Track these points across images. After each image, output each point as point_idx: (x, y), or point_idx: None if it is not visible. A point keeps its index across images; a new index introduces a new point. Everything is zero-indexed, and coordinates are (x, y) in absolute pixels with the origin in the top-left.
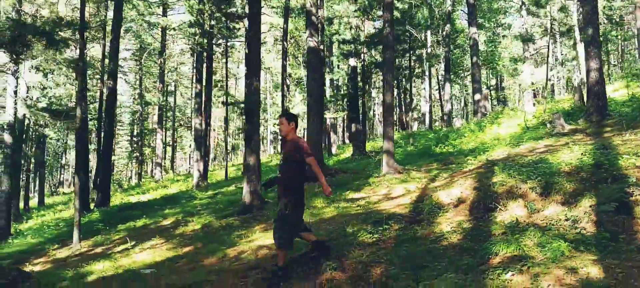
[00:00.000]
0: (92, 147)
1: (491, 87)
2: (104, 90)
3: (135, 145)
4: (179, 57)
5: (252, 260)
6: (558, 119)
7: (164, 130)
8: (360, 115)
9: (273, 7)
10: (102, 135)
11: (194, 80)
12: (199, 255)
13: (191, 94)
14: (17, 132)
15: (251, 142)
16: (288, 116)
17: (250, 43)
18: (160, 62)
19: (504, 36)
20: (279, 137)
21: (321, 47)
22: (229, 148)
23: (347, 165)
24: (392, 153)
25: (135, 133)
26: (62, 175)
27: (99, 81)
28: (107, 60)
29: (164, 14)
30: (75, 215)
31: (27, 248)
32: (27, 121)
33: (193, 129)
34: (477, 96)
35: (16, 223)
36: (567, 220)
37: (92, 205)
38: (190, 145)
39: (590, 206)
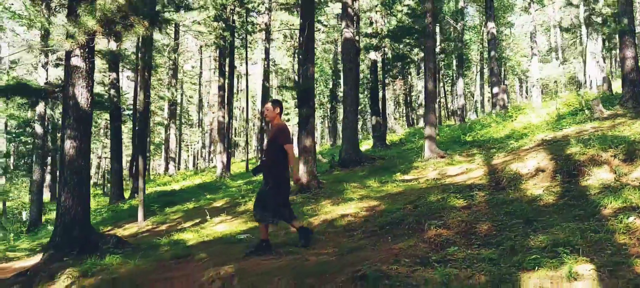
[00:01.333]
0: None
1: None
2: (139, 80)
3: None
4: (184, 54)
5: (344, 224)
6: (597, 105)
7: (176, 125)
8: (381, 108)
9: (286, 3)
10: (136, 124)
11: (217, 74)
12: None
13: (197, 90)
14: (47, 124)
15: (307, 124)
16: (273, 102)
17: (307, 30)
18: (174, 57)
19: (505, 35)
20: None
21: (356, 38)
22: (233, 142)
23: (377, 154)
24: (434, 138)
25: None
26: None
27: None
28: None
29: (177, 10)
30: (139, 196)
31: None
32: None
33: (216, 122)
34: (496, 89)
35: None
36: None
37: (126, 194)
38: (198, 142)
39: None
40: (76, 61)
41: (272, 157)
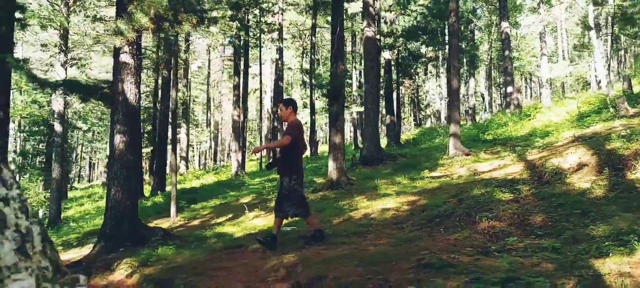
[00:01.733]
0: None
1: (501, 85)
2: (159, 79)
3: (147, 141)
4: (192, 54)
5: (389, 217)
6: (622, 103)
7: (187, 125)
8: (395, 108)
9: (298, 5)
10: (157, 123)
11: (231, 73)
12: (319, 218)
13: (205, 90)
14: (67, 122)
15: (337, 121)
16: (284, 102)
17: (337, 30)
18: (186, 57)
19: (511, 35)
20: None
21: (377, 36)
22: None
23: (396, 152)
24: (458, 136)
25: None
26: (75, 171)
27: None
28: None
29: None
30: (172, 190)
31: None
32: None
33: (231, 120)
34: (510, 88)
35: None
36: None
37: (146, 192)
38: (207, 141)
39: None
40: (125, 58)
41: (290, 153)
